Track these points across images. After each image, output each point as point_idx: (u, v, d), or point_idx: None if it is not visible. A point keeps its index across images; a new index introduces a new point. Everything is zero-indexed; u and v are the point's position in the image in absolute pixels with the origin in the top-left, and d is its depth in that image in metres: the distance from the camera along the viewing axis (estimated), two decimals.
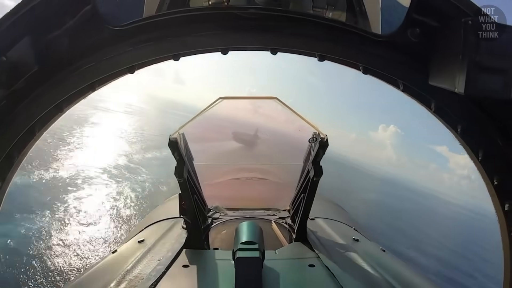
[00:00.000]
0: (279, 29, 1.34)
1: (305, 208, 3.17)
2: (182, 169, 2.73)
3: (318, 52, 1.41)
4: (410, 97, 1.44)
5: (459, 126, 1.37)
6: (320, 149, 2.88)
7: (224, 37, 1.39)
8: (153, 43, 1.34)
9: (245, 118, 4.89)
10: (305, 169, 3.30)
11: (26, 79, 1.25)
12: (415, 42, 1.26)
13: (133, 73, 1.45)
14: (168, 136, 2.70)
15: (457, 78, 1.08)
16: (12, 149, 1.34)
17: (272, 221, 3.91)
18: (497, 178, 1.35)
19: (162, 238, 3.28)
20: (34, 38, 1.22)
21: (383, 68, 1.40)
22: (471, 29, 1.06)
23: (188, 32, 1.34)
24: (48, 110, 1.37)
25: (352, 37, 1.32)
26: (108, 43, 1.30)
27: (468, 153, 1.41)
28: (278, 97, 3.76)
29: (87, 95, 1.47)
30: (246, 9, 1.30)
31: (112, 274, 2.46)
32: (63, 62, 1.29)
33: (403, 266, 3.00)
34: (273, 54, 1.48)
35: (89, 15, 1.22)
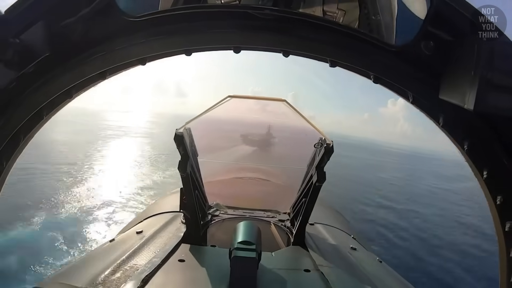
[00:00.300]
0: (293, 32, 1.34)
1: (305, 213, 3.16)
2: (185, 164, 2.74)
3: (330, 58, 1.41)
4: (419, 109, 1.43)
5: (465, 143, 1.35)
6: (325, 155, 2.87)
7: (238, 36, 1.39)
8: (166, 37, 1.35)
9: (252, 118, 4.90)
10: (308, 173, 3.30)
11: (38, 62, 1.26)
12: (428, 55, 1.25)
13: (144, 65, 1.45)
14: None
15: (468, 94, 1.07)
16: (18, 131, 1.35)
17: (272, 223, 3.91)
18: (500, 198, 1.34)
19: (160, 230, 3.30)
20: (49, 23, 1.23)
21: (394, 79, 1.39)
22: (485, 45, 1.05)
23: (201, 28, 1.35)
24: (57, 95, 1.38)
25: (365, 45, 1.31)
26: (122, 34, 1.31)
27: (473, 170, 1.40)
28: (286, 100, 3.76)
29: (97, 83, 1.49)
30: (261, 9, 1.30)
31: (108, 263, 2.47)
32: (76, 49, 1.30)
33: (399, 279, 2.98)
34: (285, 56, 1.48)
35: (104, 4, 1.23)
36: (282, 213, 4.24)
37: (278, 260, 2.79)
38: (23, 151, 1.45)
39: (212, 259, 2.71)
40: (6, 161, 1.36)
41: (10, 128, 1.32)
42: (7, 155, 1.36)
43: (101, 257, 2.63)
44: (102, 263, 2.47)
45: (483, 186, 1.38)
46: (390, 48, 1.29)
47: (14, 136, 1.35)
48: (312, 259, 2.85)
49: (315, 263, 2.75)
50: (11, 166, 1.40)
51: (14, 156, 1.40)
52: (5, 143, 1.33)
